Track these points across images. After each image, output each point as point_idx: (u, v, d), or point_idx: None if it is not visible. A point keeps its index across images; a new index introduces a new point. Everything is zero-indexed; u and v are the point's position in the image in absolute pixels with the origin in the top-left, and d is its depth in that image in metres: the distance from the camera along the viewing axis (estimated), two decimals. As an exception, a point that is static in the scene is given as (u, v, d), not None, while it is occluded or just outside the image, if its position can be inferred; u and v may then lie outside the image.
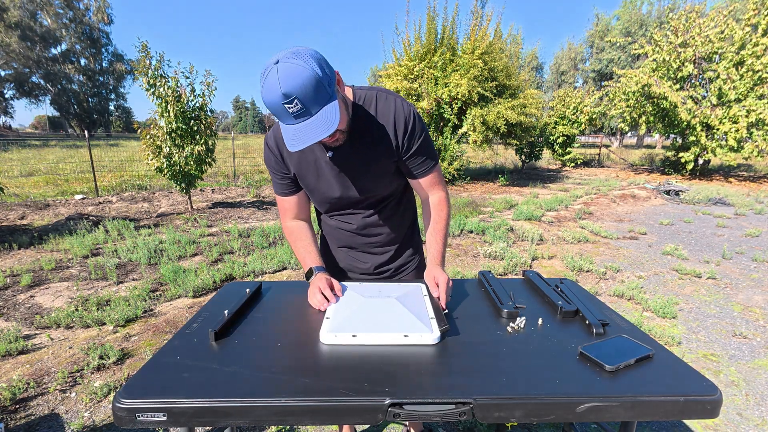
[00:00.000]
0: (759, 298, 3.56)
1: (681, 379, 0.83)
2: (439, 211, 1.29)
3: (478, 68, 9.33)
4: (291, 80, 0.89)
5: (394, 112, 1.14)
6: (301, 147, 0.95)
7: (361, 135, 1.14)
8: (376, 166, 1.20)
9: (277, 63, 0.90)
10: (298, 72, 0.89)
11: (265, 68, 0.93)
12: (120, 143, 23.49)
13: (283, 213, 1.35)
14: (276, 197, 1.34)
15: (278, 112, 0.94)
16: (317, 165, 1.20)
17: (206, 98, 6.46)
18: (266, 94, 0.92)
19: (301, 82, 0.89)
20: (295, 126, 0.95)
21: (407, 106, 1.16)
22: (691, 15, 11.81)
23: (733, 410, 2.09)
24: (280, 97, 0.90)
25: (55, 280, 3.68)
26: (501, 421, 0.78)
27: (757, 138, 10.76)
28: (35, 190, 8.52)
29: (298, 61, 0.90)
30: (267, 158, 1.26)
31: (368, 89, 1.17)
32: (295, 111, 0.92)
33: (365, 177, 1.21)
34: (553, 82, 36.82)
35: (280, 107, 0.92)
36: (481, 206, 7.61)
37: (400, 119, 1.14)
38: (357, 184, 1.22)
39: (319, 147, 1.16)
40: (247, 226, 5.82)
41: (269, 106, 0.94)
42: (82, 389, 2.17)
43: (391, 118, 1.14)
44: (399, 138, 1.16)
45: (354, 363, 0.87)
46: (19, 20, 32.00)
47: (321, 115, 0.94)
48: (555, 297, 1.18)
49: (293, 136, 0.96)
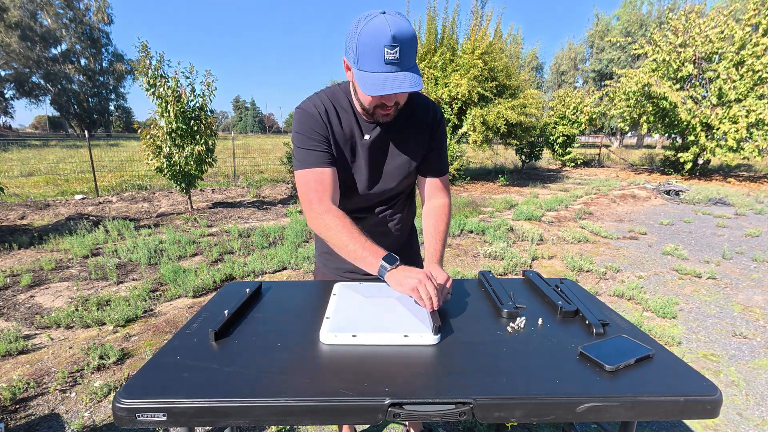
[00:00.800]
0: (759, 298, 3.56)
1: (681, 379, 0.83)
2: (442, 215, 1.28)
3: (478, 68, 9.33)
4: (400, 29, 0.92)
5: (430, 105, 1.21)
6: (385, 92, 0.95)
7: (398, 121, 1.17)
8: (408, 154, 1.21)
9: (384, 13, 0.93)
10: (406, 26, 0.93)
11: (364, 15, 0.95)
12: (120, 143, 23.50)
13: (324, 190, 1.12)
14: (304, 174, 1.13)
15: (372, 54, 0.94)
16: (353, 146, 1.18)
17: (206, 98, 6.46)
18: (368, 33, 0.92)
19: (407, 34, 0.93)
20: (383, 74, 0.95)
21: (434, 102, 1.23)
22: (691, 15, 11.81)
23: (733, 410, 2.09)
24: (388, 38, 0.91)
25: (55, 280, 3.68)
26: (501, 421, 0.78)
27: (757, 138, 10.76)
28: (35, 190, 8.52)
29: (403, 18, 0.94)
30: (304, 123, 1.13)
31: None
32: (391, 59, 0.93)
33: (395, 165, 1.22)
34: (553, 82, 36.82)
35: (379, 49, 0.93)
36: (481, 206, 7.61)
37: (436, 113, 1.21)
38: (386, 171, 1.22)
39: (358, 128, 1.16)
40: (247, 226, 5.82)
41: (365, 46, 0.94)
42: (82, 389, 2.17)
43: (429, 110, 1.20)
44: (432, 130, 1.21)
45: (354, 363, 0.87)
46: (19, 20, 32.01)
47: (412, 72, 0.96)
48: (555, 297, 1.18)
49: (380, 82, 0.95)
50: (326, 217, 1.10)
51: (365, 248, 1.06)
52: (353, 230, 1.08)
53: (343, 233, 1.08)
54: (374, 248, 1.07)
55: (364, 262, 1.07)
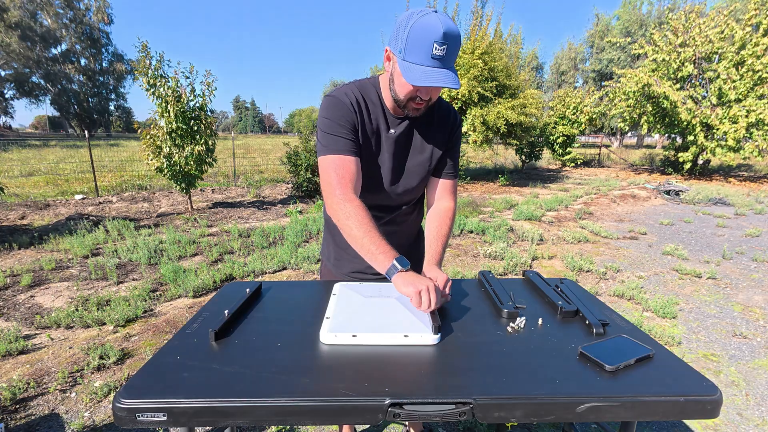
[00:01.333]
0: (759, 298, 3.56)
1: (681, 379, 0.83)
2: (446, 218, 1.30)
3: (478, 68, 9.33)
4: (452, 29, 0.96)
5: (451, 108, 1.27)
6: (428, 84, 0.98)
7: (423, 120, 1.22)
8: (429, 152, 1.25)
9: (436, 12, 0.97)
10: (455, 28, 0.98)
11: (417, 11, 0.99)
12: (120, 143, 23.50)
13: (349, 178, 1.11)
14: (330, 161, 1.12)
15: (421, 47, 0.97)
16: (378, 139, 1.21)
17: (206, 98, 6.46)
18: (422, 27, 0.96)
19: (457, 35, 0.98)
20: (426, 68, 0.99)
21: None
22: (691, 15, 11.81)
23: (733, 410, 2.09)
24: (440, 35, 0.95)
25: (56, 280, 3.68)
26: (501, 421, 0.78)
27: (757, 138, 10.76)
28: (35, 190, 8.53)
29: (453, 22, 0.98)
30: (335, 110, 1.13)
31: None
32: (438, 54, 0.97)
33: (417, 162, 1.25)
34: (553, 82, 36.82)
35: (429, 44, 0.96)
36: (481, 206, 7.60)
37: (457, 117, 1.27)
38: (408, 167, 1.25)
39: (385, 122, 1.19)
40: (247, 226, 5.82)
41: (416, 38, 0.97)
42: (82, 389, 2.17)
43: (451, 113, 1.26)
44: (451, 132, 1.26)
45: (354, 363, 0.87)
46: (19, 20, 32.00)
47: (453, 71, 1.01)
48: (555, 297, 1.18)
49: (423, 74, 0.99)
50: (347, 206, 1.09)
51: (379, 246, 1.06)
52: (370, 225, 1.08)
53: (361, 226, 1.07)
54: (388, 248, 1.06)
55: (375, 259, 1.06)
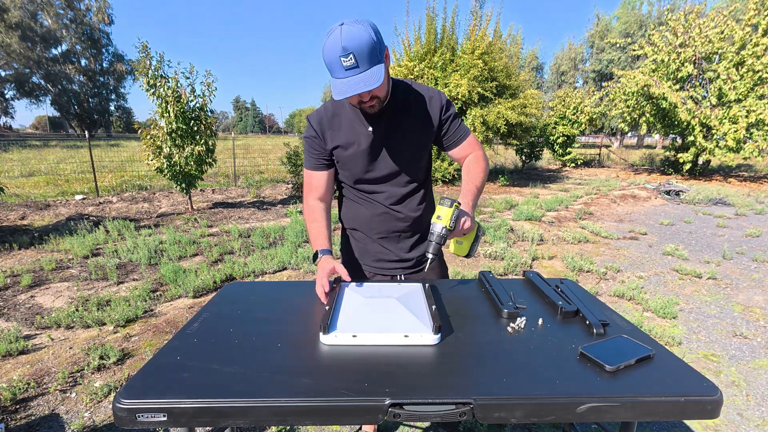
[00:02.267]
0: (759, 298, 3.56)
1: (681, 380, 0.83)
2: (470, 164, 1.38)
3: (478, 68, 9.33)
4: (351, 38, 1.04)
5: (428, 92, 1.33)
6: (345, 96, 1.08)
7: (400, 112, 1.30)
8: (414, 138, 1.33)
9: (342, 25, 1.06)
10: (357, 33, 1.05)
11: (330, 29, 1.08)
12: (120, 143, 23.51)
13: (309, 189, 1.42)
14: (306, 174, 1.42)
15: (334, 65, 1.07)
16: (358, 140, 1.31)
17: (206, 98, 6.46)
18: (327, 48, 1.07)
19: (358, 41, 1.05)
20: (344, 79, 1.09)
21: (437, 90, 1.35)
22: (690, 15, 11.81)
23: (734, 410, 2.09)
24: (339, 50, 1.04)
25: (56, 281, 3.68)
26: (501, 422, 0.78)
27: (757, 138, 10.76)
28: (36, 191, 8.53)
29: (359, 25, 1.06)
30: (307, 132, 1.37)
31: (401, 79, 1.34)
32: (348, 65, 1.06)
33: (402, 149, 1.33)
34: (553, 83, 36.80)
35: (337, 60, 1.06)
36: (481, 206, 7.60)
37: (436, 98, 1.32)
38: (394, 156, 1.33)
39: (361, 122, 1.29)
40: (248, 226, 5.82)
41: (328, 59, 1.08)
42: (83, 389, 2.17)
43: (427, 96, 1.32)
44: (436, 113, 1.32)
45: (354, 363, 0.87)
46: (19, 21, 32.00)
47: (368, 72, 1.08)
48: (555, 297, 1.18)
49: (341, 87, 1.08)
50: (306, 209, 1.42)
51: (315, 238, 1.34)
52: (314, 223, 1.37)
53: (310, 223, 1.38)
54: (319, 241, 1.32)
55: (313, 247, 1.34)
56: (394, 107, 1.29)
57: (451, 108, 1.36)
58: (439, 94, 1.34)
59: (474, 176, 1.34)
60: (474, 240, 1.31)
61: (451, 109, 1.36)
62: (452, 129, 1.37)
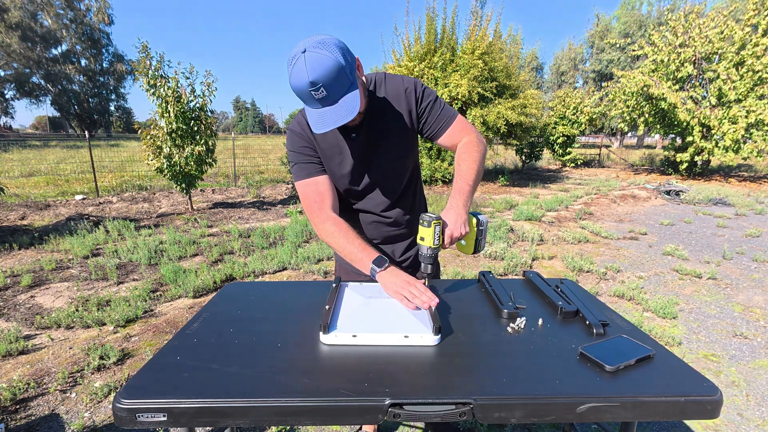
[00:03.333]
0: (759, 298, 3.56)
1: (681, 380, 0.83)
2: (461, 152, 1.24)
3: (478, 68, 9.33)
4: (317, 69, 0.96)
5: (402, 85, 1.23)
6: (325, 130, 1.03)
7: (377, 115, 1.22)
8: (395, 140, 1.25)
9: (305, 52, 0.97)
10: (323, 61, 0.97)
11: (292, 56, 1.00)
12: (120, 143, 23.50)
13: (321, 199, 1.22)
14: (303, 187, 1.24)
15: (305, 97, 1.02)
16: (341, 148, 1.24)
17: (206, 98, 6.47)
18: (294, 80, 0.99)
19: (326, 71, 0.97)
20: (320, 110, 1.03)
21: (411, 78, 1.24)
22: (690, 16, 11.81)
23: (734, 411, 2.09)
24: (307, 84, 0.98)
25: (56, 281, 3.68)
26: (501, 422, 0.78)
27: (757, 138, 10.76)
28: (36, 191, 8.53)
29: (323, 51, 0.97)
30: (292, 142, 1.26)
31: (375, 74, 1.25)
32: (320, 96, 1.00)
33: (386, 152, 1.26)
34: (553, 83, 36.81)
35: (307, 93, 1.00)
36: (481, 206, 7.60)
37: (410, 89, 1.22)
38: (379, 162, 1.26)
39: (341, 131, 1.21)
40: (248, 226, 5.82)
41: (297, 92, 1.02)
42: (83, 389, 2.17)
43: (401, 90, 1.22)
44: (411, 106, 1.23)
45: (354, 363, 0.87)
46: (19, 21, 32.01)
47: (343, 102, 1.02)
48: (555, 297, 1.18)
49: (318, 119, 1.03)
50: (327, 225, 1.20)
51: (361, 250, 1.15)
52: (350, 234, 1.18)
53: (343, 238, 1.17)
54: (369, 251, 1.15)
55: (361, 263, 1.14)
56: (372, 109, 1.21)
57: (427, 94, 1.24)
58: (414, 83, 1.23)
59: (464, 170, 1.21)
60: (478, 236, 1.21)
61: (427, 95, 1.24)
62: (433, 116, 1.25)
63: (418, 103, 1.23)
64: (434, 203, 7.69)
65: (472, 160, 1.22)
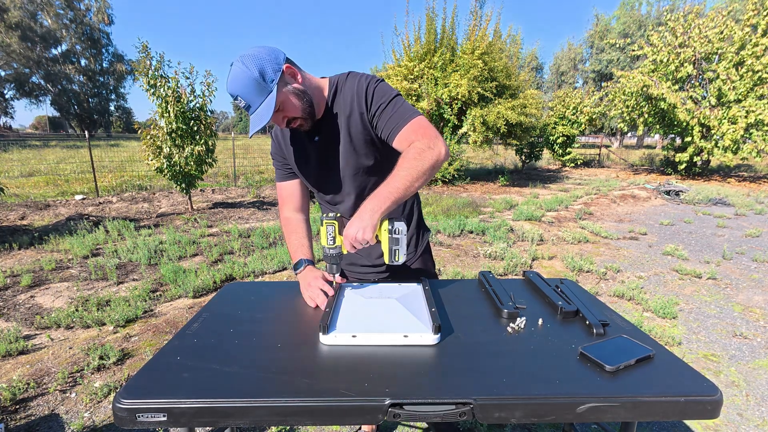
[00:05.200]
0: (759, 298, 3.56)
1: (681, 380, 0.83)
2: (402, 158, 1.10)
3: (478, 68, 9.33)
4: (233, 82, 1.07)
5: (356, 85, 1.19)
6: (250, 135, 1.17)
7: (336, 117, 1.23)
8: (355, 142, 1.23)
9: (231, 65, 1.08)
10: (238, 74, 1.06)
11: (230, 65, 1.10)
12: (120, 143, 23.49)
13: (282, 202, 1.41)
14: (277, 187, 1.42)
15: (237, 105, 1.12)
16: (306, 151, 1.30)
17: (206, 99, 6.47)
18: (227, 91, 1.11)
19: (240, 83, 1.06)
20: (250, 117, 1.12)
21: (368, 77, 1.20)
22: (690, 16, 11.81)
23: (734, 410, 2.09)
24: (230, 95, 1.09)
25: (56, 281, 3.68)
26: (501, 422, 0.78)
27: (756, 138, 10.76)
28: (35, 191, 8.52)
29: (242, 66, 1.06)
30: (271, 148, 1.40)
31: (341, 74, 1.25)
32: (243, 106, 1.10)
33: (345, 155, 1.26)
34: (553, 83, 36.82)
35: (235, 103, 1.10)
36: (481, 206, 7.61)
37: (362, 89, 1.18)
38: (339, 164, 1.28)
39: (305, 134, 1.27)
40: (248, 226, 5.82)
41: None
42: (83, 389, 2.17)
43: (354, 91, 1.19)
44: (362, 108, 1.18)
45: (354, 363, 0.87)
46: (19, 21, 32.00)
47: (259, 110, 1.09)
48: (555, 297, 1.18)
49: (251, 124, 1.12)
50: (283, 223, 1.41)
51: (293, 251, 1.32)
52: (291, 235, 1.36)
53: (287, 237, 1.38)
54: (297, 253, 1.31)
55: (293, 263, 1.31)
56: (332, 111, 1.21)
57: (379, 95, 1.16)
58: (367, 84, 1.17)
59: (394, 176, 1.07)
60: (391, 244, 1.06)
61: (379, 96, 1.16)
62: (383, 119, 1.16)
63: (369, 104, 1.17)
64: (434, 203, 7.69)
65: (409, 167, 1.07)
